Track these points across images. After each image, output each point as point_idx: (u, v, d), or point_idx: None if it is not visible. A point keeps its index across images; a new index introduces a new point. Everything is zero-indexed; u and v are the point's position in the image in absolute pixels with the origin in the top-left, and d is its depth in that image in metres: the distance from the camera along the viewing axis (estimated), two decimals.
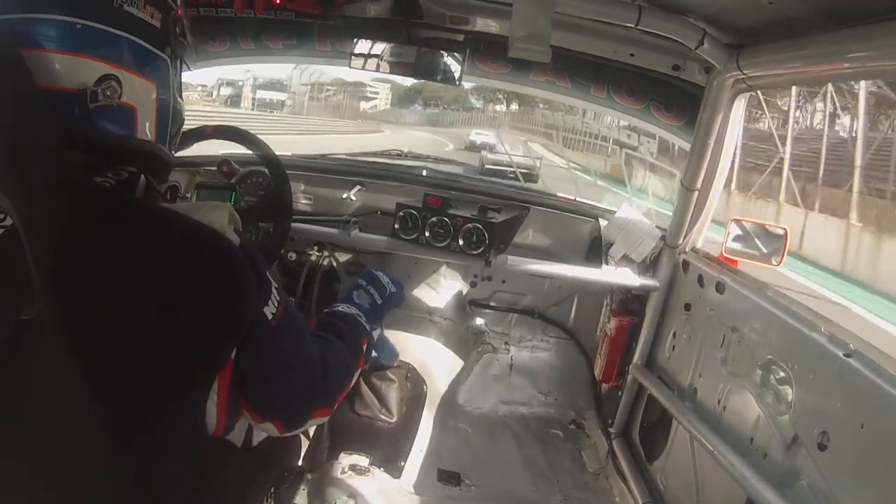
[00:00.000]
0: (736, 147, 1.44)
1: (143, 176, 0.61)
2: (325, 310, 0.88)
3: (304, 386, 0.67)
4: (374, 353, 0.93)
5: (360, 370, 0.82)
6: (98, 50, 0.57)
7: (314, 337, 0.75)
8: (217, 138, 1.28)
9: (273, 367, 0.62)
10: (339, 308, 0.88)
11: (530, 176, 2.40)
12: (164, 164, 0.65)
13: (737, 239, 1.38)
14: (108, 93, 0.57)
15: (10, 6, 0.55)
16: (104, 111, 0.57)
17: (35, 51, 0.54)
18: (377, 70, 1.55)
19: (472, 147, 14.14)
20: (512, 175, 2.14)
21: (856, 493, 0.83)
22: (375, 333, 0.92)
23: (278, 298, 0.62)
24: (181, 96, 0.68)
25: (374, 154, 2.32)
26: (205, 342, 0.56)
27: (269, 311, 0.61)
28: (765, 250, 1.35)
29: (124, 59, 0.58)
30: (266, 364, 0.61)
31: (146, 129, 0.62)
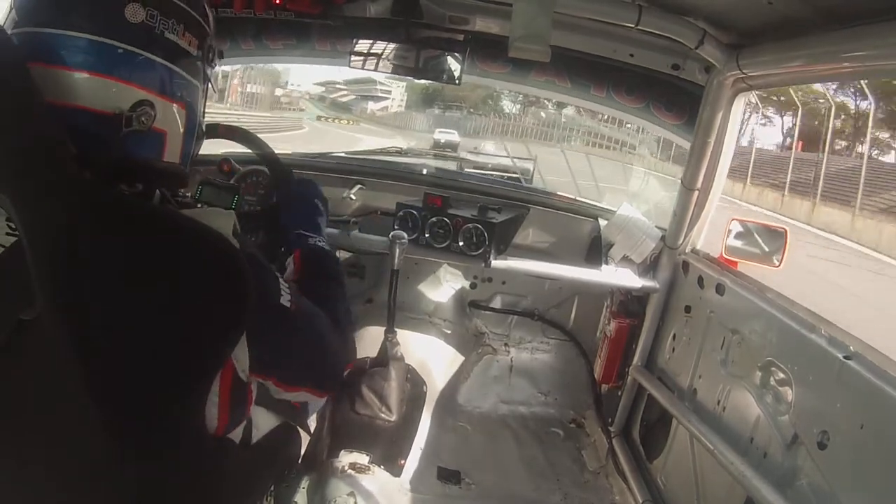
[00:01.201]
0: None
1: (157, 190, 0.62)
2: (311, 242, 0.93)
3: (329, 352, 0.75)
4: None
5: None
6: (137, 75, 0.57)
7: (317, 290, 0.79)
8: (226, 138, 1.28)
9: (296, 342, 0.68)
10: (321, 244, 0.94)
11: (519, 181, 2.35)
12: (181, 181, 0.66)
13: (737, 238, 1.37)
14: (143, 119, 0.57)
15: (57, 21, 0.54)
16: (136, 135, 0.57)
17: (75, 70, 0.54)
18: (376, 70, 1.55)
19: (437, 146, 13.25)
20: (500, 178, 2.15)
21: (855, 492, 0.83)
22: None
23: (287, 286, 0.65)
24: (204, 115, 0.69)
25: (374, 152, 2.33)
26: (206, 344, 0.56)
27: (285, 299, 0.64)
28: (765, 250, 1.35)
29: (161, 85, 0.59)
30: (290, 340, 0.67)
31: (172, 151, 0.63)
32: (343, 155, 2.14)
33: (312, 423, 1.28)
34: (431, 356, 1.80)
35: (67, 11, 0.54)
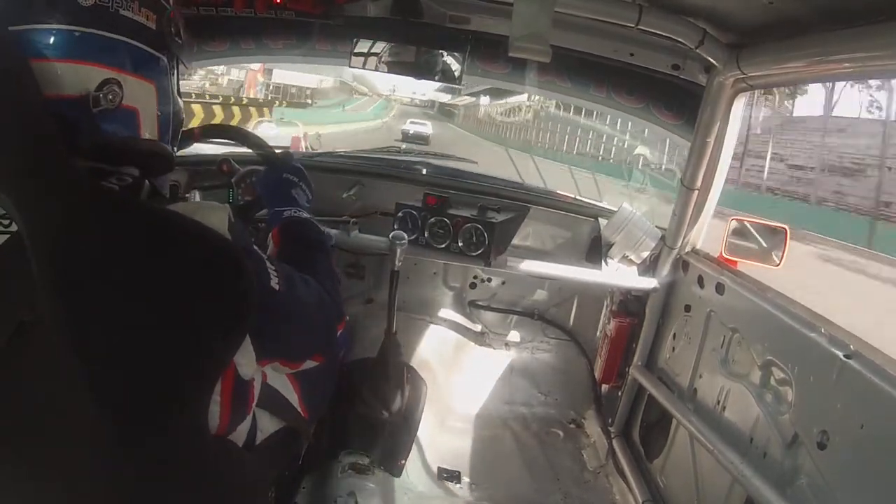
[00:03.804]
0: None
1: (146, 180, 0.62)
2: (286, 216, 0.93)
3: (323, 317, 0.77)
4: None
5: None
6: (97, 55, 0.58)
7: (297, 261, 0.79)
8: (206, 138, 1.27)
9: (293, 323, 0.69)
10: (302, 215, 0.94)
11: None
12: (166, 163, 0.66)
13: (736, 238, 1.37)
14: (111, 97, 0.58)
15: (11, 19, 0.55)
16: (107, 115, 0.58)
17: (36, 60, 0.55)
18: (377, 69, 1.55)
19: (406, 136, 13.33)
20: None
21: (855, 492, 0.83)
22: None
23: (273, 267, 0.66)
24: (180, 94, 0.69)
25: (374, 150, 2.33)
26: (207, 343, 0.56)
27: (274, 282, 0.64)
28: (765, 249, 1.35)
29: (124, 62, 0.59)
30: (287, 324, 0.68)
31: (148, 130, 0.63)
32: (342, 153, 2.13)
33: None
34: (431, 356, 1.80)
35: (22, 6, 0.56)
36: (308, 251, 0.87)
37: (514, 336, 1.90)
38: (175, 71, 0.68)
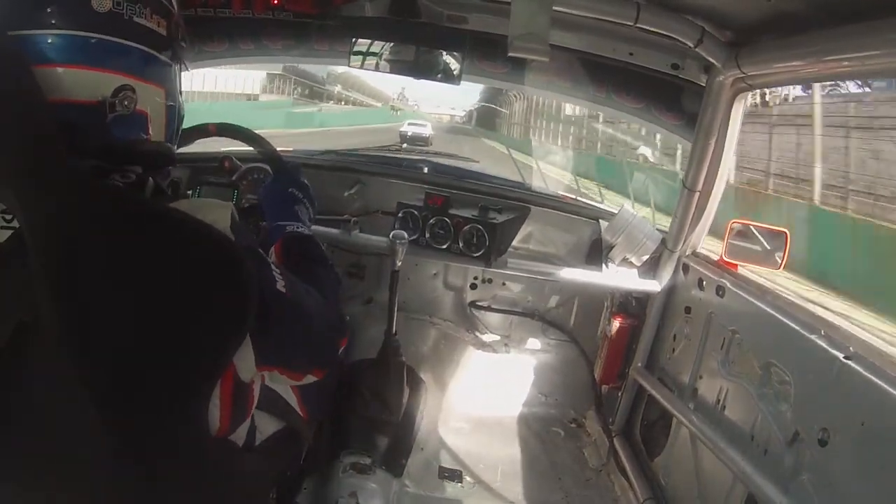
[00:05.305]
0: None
1: (150, 178, 0.62)
2: (289, 230, 0.91)
3: (326, 331, 0.76)
4: None
5: None
6: (113, 62, 0.59)
7: (301, 273, 0.77)
8: (220, 136, 1.27)
9: (298, 331, 0.68)
10: (305, 232, 0.92)
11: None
12: (169, 161, 0.67)
13: (737, 240, 1.36)
14: (126, 102, 0.59)
15: (26, 23, 0.56)
16: (120, 119, 0.59)
17: (52, 66, 0.55)
18: (376, 69, 1.55)
19: (405, 139, 12.72)
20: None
21: (857, 487, 0.83)
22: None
23: (277, 271, 0.66)
24: (182, 95, 0.70)
25: (375, 149, 2.33)
26: (208, 344, 0.56)
27: (280, 285, 0.64)
28: (766, 251, 1.34)
29: (138, 68, 0.61)
30: (291, 332, 0.67)
31: (155, 131, 0.64)
32: (344, 151, 2.12)
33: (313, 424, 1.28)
34: (432, 357, 1.80)
35: (38, 11, 0.56)
36: (311, 267, 0.85)
37: (514, 337, 1.90)
38: (180, 73, 0.68)
